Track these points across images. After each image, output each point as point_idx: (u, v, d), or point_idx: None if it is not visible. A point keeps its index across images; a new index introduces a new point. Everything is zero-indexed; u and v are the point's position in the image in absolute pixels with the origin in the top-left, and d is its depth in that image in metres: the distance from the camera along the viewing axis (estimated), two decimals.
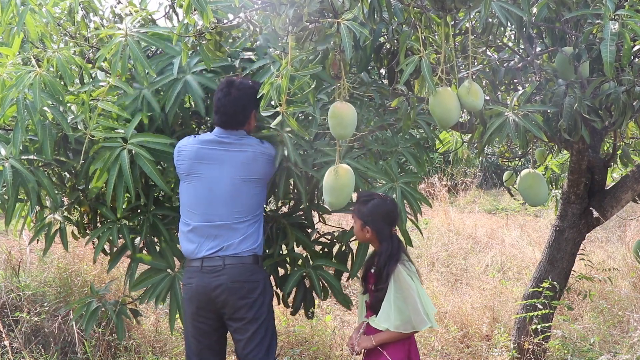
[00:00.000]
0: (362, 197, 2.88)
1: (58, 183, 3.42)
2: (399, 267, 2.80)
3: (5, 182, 2.92)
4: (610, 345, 4.00)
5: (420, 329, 2.82)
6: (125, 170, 2.96)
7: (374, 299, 2.86)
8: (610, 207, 3.68)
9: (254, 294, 2.91)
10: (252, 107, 2.95)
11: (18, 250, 6.07)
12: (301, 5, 2.45)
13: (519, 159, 4.88)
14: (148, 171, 2.97)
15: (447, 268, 6.50)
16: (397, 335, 2.82)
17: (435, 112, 2.70)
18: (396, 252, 2.82)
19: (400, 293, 2.77)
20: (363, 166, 2.99)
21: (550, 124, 2.89)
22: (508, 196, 9.17)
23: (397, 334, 2.82)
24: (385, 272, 2.80)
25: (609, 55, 2.45)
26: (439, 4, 2.63)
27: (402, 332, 2.81)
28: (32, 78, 2.91)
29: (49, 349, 4.39)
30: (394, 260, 2.80)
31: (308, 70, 2.54)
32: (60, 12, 3.52)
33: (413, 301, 2.77)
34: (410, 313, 2.77)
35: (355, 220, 2.87)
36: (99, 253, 3.38)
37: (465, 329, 4.76)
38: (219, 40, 3.04)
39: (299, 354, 4.50)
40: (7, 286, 4.92)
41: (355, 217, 2.87)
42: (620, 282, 5.45)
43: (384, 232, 2.83)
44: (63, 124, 3.00)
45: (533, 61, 2.98)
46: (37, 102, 2.90)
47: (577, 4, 2.82)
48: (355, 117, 2.67)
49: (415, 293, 2.78)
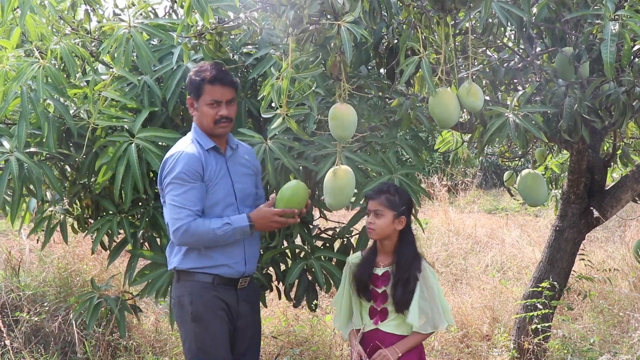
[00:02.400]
0: (385, 188, 2.74)
1: (60, 177, 3.43)
2: (423, 263, 2.75)
3: (12, 175, 2.92)
4: (610, 345, 4.00)
5: (441, 328, 2.74)
6: (133, 165, 2.98)
7: (398, 299, 2.69)
8: (610, 207, 3.68)
9: (175, 310, 2.87)
10: (188, 94, 2.82)
11: (18, 250, 6.08)
12: (301, 7, 2.45)
13: (519, 159, 4.88)
14: (157, 166, 2.95)
15: (447, 268, 6.50)
16: (421, 338, 2.73)
17: (435, 113, 2.71)
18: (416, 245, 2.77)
19: (428, 291, 2.70)
20: (361, 159, 3.00)
21: (550, 124, 2.89)
22: (508, 196, 9.17)
23: (422, 336, 2.72)
24: (414, 267, 2.70)
25: (609, 55, 2.45)
26: (439, 5, 2.63)
27: (424, 334, 2.72)
28: (35, 70, 2.92)
29: (49, 348, 4.39)
30: (418, 254, 2.75)
31: (309, 72, 2.55)
32: (63, 4, 3.53)
33: (438, 300, 2.70)
34: (434, 312, 2.69)
35: (384, 214, 2.69)
36: (97, 245, 3.38)
37: (465, 329, 4.76)
38: (219, 40, 3.05)
39: (299, 354, 4.50)
40: (7, 286, 4.93)
41: (385, 209, 2.69)
42: (620, 282, 5.45)
43: (410, 222, 2.77)
44: (65, 115, 3.02)
45: (533, 61, 2.99)
46: (40, 94, 2.91)
47: (577, 4, 2.82)
48: (355, 119, 2.68)
49: (437, 290, 2.73)
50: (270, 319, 5.04)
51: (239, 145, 2.93)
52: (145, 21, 3.18)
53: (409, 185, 2.98)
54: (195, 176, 2.68)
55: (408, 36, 2.71)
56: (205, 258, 2.75)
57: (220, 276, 2.78)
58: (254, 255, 2.91)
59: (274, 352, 4.53)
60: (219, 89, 2.72)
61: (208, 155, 2.75)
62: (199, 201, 2.69)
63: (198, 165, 2.69)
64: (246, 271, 2.85)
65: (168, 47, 3.20)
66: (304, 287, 3.35)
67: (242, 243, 2.81)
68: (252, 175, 2.93)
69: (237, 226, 2.70)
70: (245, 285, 2.88)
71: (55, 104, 3.05)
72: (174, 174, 2.67)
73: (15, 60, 3.05)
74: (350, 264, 2.84)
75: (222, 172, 2.78)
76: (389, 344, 2.70)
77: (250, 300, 2.94)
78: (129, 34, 3.02)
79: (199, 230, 2.65)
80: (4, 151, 2.97)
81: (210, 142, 2.77)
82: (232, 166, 2.84)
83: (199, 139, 2.77)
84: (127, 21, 3.10)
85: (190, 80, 2.76)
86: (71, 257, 5.63)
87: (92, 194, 3.31)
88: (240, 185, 2.84)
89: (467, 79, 2.69)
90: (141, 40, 3.03)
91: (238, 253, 2.81)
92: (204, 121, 2.75)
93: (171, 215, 2.68)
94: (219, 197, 2.76)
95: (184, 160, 2.67)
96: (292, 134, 3.02)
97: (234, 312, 2.84)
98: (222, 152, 2.82)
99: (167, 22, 3.29)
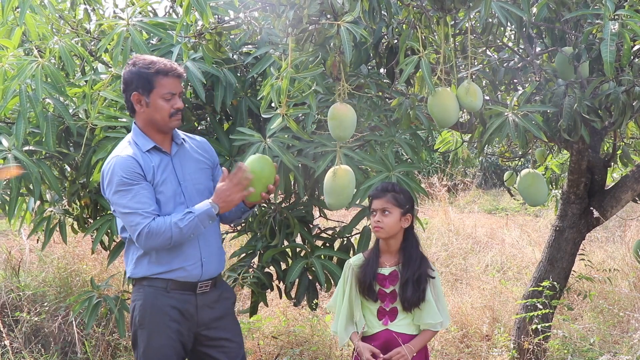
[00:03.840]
0: (389, 187, 2.74)
1: (59, 176, 3.43)
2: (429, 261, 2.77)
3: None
4: (610, 345, 4.00)
5: (446, 326, 2.77)
6: None
7: (409, 298, 2.68)
8: (610, 207, 3.68)
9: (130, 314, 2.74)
10: (131, 90, 2.60)
11: (18, 250, 6.08)
12: (301, 7, 2.45)
13: (518, 159, 4.88)
14: None
15: (447, 268, 6.50)
16: (431, 336, 2.75)
17: (434, 112, 2.71)
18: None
19: (435, 289, 2.73)
20: (360, 156, 3.00)
21: (550, 124, 2.89)
22: (508, 196, 9.17)
23: (432, 334, 2.75)
24: (424, 265, 2.72)
25: (609, 55, 2.45)
26: (438, 4, 2.63)
27: (434, 332, 2.75)
28: (34, 68, 2.92)
29: (49, 348, 4.39)
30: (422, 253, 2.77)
31: (308, 72, 2.55)
32: (63, 4, 3.54)
33: (444, 298, 2.74)
34: (441, 311, 2.73)
35: (392, 212, 2.68)
36: (97, 244, 3.38)
37: (465, 329, 4.76)
38: (218, 40, 3.05)
39: (299, 354, 4.50)
40: (7, 286, 4.93)
41: (393, 207, 2.69)
42: (620, 282, 5.44)
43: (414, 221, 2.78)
44: (64, 114, 3.01)
45: (533, 61, 2.98)
46: (39, 93, 2.90)
47: (577, 4, 2.82)
48: (354, 118, 2.68)
49: (441, 289, 2.77)
50: (270, 318, 5.04)
51: (187, 139, 2.76)
52: (144, 20, 3.18)
53: (407, 183, 2.98)
54: (137, 177, 2.54)
55: (408, 36, 2.71)
56: (156, 264, 2.60)
57: (175, 281, 2.61)
58: (213, 255, 2.71)
59: (274, 352, 4.53)
60: (173, 81, 2.58)
61: (147, 155, 2.60)
62: (151, 201, 2.54)
63: (135, 166, 2.55)
64: (203, 274, 2.65)
65: (167, 46, 3.20)
66: (305, 286, 3.35)
67: (197, 242, 2.64)
68: (207, 168, 2.78)
69: (199, 212, 2.53)
70: (206, 290, 2.68)
71: (55, 103, 3.05)
72: (115, 182, 2.52)
73: (14, 59, 3.05)
74: (352, 266, 2.81)
75: (168, 171, 2.63)
76: (402, 343, 2.69)
77: (218, 307, 2.73)
78: (127, 32, 3.02)
79: (161, 229, 2.49)
80: (2, 149, 2.96)
81: (149, 142, 2.62)
82: (180, 163, 2.68)
83: (137, 140, 2.62)
84: (125, 19, 3.10)
85: (138, 73, 2.55)
86: (71, 257, 5.63)
87: (90, 193, 3.31)
88: (190, 183, 2.68)
89: (467, 79, 2.69)
90: (140, 39, 3.03)
91: (193, 254, 2.63)
92: (157, 116, 2.58)
93: (128, 224, 2.53)
94: (167, 197, 2.60)
95: (119, 166, 2.53)
96: (292, 132, 3.01)
97: (192, 321, 2.66)
98: (165, 150, 2.66)
99: (167, 21, 3.28)
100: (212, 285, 2.72)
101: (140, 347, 2.64)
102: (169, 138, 2.69)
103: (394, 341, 2.70)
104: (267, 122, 3.00)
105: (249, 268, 3.40)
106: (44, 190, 3.42)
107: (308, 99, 2.70)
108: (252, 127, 3.37)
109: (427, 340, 2.75)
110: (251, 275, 3.31)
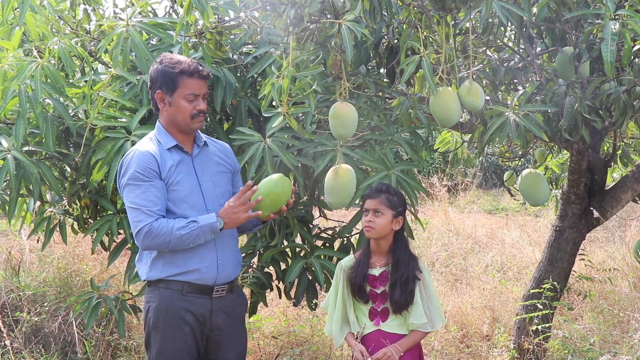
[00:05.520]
0: (384, 188, 2.74)
1: (59, 177, 3.42)
2: (420, 263, 2.76)
3: (8, 174, 2.92)
4: (610, 345, 4.00)
5: (438, 327, 2.77)
6: None
7: (397, 300, 2.69)
8: (610, 207, 3.68)
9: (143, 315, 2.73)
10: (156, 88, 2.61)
11: (18, 250, 6.07)
12: (302, 6, 2.45)
13: (519, 159, 4.88)
14: None
15: (447, 268, 6.49)
16: (421, 337, 2.75)
17: (435, 112, 2.71)
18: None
19: (425, 290, 2.73)
20: (359, 156, 2.99)
21: (551, 123, 2.89)
22: (508, 196, 9.18)
23: (421, 334, 2.75)
24: (412, 267, 2.71)
25: (610, 55, 2.45)
26: (439, 4, 2.63)
27: (424, 332, 2.75)
28: (33, 69, 2.91)
29: (49, 349, 4.39)
30: (413, 255, 2.76)
31: (309, 71, 2.55)
32: (63, 4, 3.53)
33: (436, 298, 2.73)
34: (432, 312, 2.73)
35: (384, 213, 2.69)
36: (97, 245, 3.37)
37: (465, 329, 4.76)
38: (219, 40, 3.04)
39: (299, 354, 4.50)
40: (7, 286, 4.93)
41: (385, 208, 2.69)
42: (620, 282, 5.44)
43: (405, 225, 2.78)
44: (64, 114, 3.01)
45: (533, 61, 2.98)
46: (38, 93, 2.90)
47: (577, 4, 2.82)
48: (356, 117, 2.68)
49: (433, 289, 2.76)
50: (270, 318, 5.04)
51: (209, 142, 2.76)
52: (144, 20, 3.18)
53: (406, 181, 2.97)
54: (151, 174, 2.52)
55: (408, 36, 2.71)
56: (172, 265, 2.57)
57: (191, 283, 2.59)
58: (229, 259, 2.69)
59: (274, 352, 4.53)
60: (197, 82, 2.57)
61: (168, 153, 2.59)
62: (159, 200, 2.52)
63: (152, 162, 2.54)
64: (219, 277, 2.63)
65: (167, 46, 3.19)
66: (304, 286, 3.35)
67: (214, 245, 2.62)
68: (227, 173, 2.77)
69: (204, 224, 2.52)
70: (222, 294, 2.66)
71: (54, 104, 3.05)
72: (128, 175, 2.52)
73: (14, 59, 3.05)
74: (344, 267, 2.82)
75: (186, 171, 2.62)
76: (392, 343, 2.70)
77: (231, 312, 2.71)
78: (126, 32, 3.02)
79: (161, 232, 2.47)
80: (1, 150, 2.96)
81: (171, 140, 2.62)
82: (201, 164, 2.67)
83: (160, 138, 2.62)
84: (125, 20, 3.09)
85: (163, 72, 2.55)
86: (71, 257, 5.63)
87: (91, 193, 3.31)
88: (210, 184, 2.66)
89: (468, 79, 2.69)
90: (139, 39, 3.03)
91: (210, 257, 2.61)
92: (178, 116, 2.58)
93: (131, 219, 2.52)
94: (181, 196, 2.58)
95: (137, 160, 2.53)
96: (291, 132, 3.01)
97: (205, 324, 2.64)
98: (186, 150, 2.65)
99: (166, 21, 3.28)
100: (229, 290, 2.70)
101: (154, 349, 2.62)
102: (191, 139, 2.69)
103: (388, 341, 2.70)
104: (267, 122, 3.00)
105: (249, 268, 3.40)
106: (44, 191, 3.41)
107: (308, 98, 2.70)
108: (251, 127, 3.37)
109: (416, 341, 2.75)
110: (251, 275, 3.31)
